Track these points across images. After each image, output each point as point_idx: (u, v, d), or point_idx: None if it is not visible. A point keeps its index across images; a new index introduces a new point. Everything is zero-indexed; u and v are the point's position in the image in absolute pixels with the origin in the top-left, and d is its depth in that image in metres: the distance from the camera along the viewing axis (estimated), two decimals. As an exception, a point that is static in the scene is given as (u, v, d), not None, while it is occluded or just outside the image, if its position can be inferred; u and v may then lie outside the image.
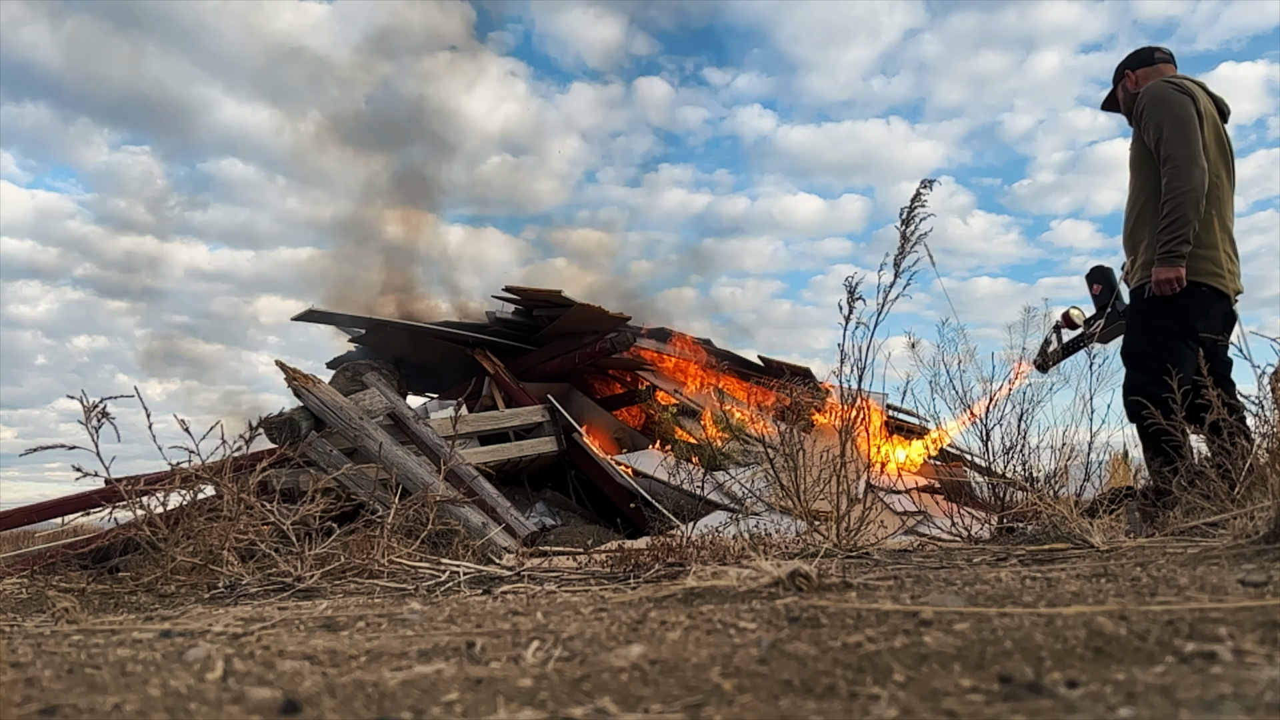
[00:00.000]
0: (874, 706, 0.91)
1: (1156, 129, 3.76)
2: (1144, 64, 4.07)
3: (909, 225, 3.12)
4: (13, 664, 1.27)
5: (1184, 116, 3.71)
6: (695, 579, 1.72)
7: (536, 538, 4.33)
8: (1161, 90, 3.82)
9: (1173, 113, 3.73)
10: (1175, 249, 3.65)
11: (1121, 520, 3.47)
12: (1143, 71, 4.05)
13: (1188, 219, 3.64)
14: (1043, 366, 4.49)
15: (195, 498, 3.03)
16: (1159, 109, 3.77)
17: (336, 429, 4.35)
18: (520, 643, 1.33)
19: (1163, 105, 3.77)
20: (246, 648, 1.38)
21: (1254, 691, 0.87)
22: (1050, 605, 1.36)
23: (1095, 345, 4.30)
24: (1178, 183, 3.67)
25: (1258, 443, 2.79)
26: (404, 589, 2.36)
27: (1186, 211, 3.64)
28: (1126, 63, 4.13)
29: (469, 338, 6.62)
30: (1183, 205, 3.64)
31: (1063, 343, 4.47)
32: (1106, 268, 4.37)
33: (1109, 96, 4.27)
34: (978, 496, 4.68)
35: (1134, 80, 4.05)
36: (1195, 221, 3.66)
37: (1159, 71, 4.01)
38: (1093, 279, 4.39)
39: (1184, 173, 3.66)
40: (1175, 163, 3.68)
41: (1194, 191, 3.64)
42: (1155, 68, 4.03)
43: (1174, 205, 3.66)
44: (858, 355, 3.23)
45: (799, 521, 3.24)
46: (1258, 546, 1.96)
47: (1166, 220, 3.68)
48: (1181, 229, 3.64)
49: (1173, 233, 3.66)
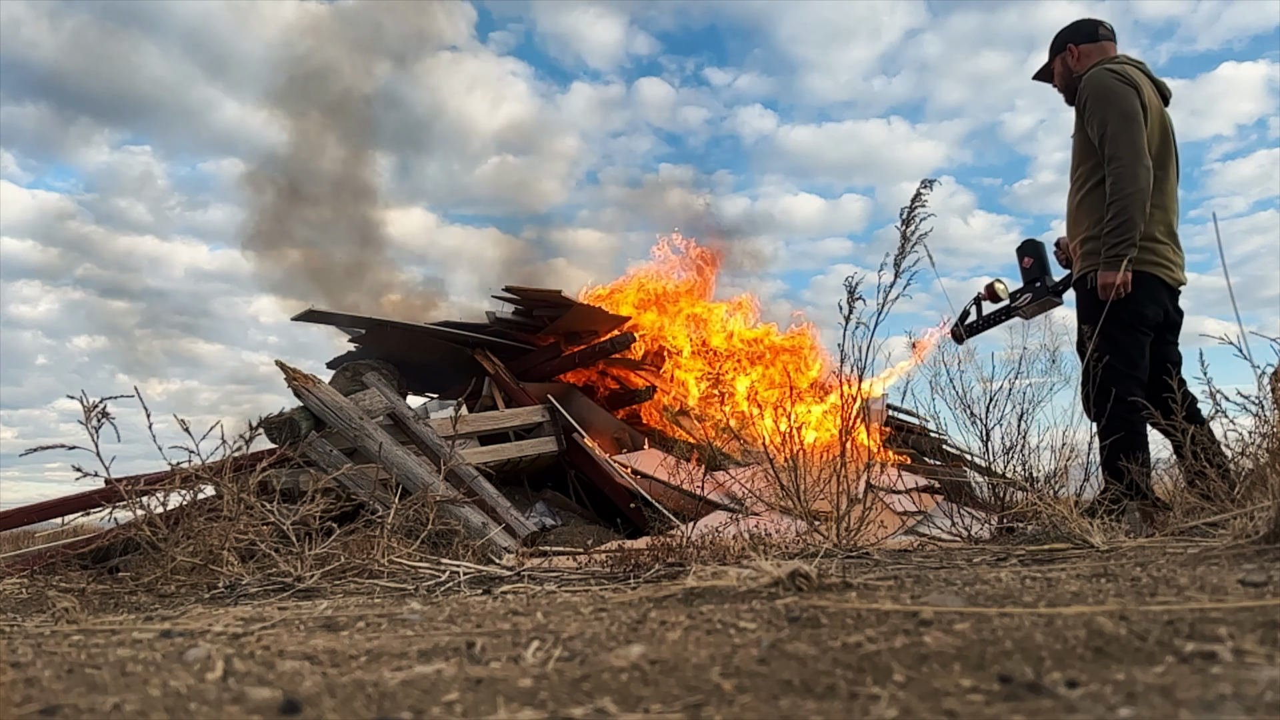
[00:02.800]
0: (874, 706, 0.91)
1: (1101, 124, 3.59)
2: (1088, 39, 3.84)
3: (909, 225, 3.13)
4: (13, 664, 1.27)
5: (1129, 112, 3.56)
6: (695, 579, 1.72)
7: (536, 538, 4.33)
8: (1106, 82, 3.63)
9: (1118, 108, 3.57)
10: (1121, 252, 3.54)
11: (1121, 520, 3.47)
12: (1085, 47, 3.83)
13: (1134, 223, 3.52)
14: (959, 337, 4.33)
15: (195, 498, 3.03)
16: (1104, 103, 3.60)
17: (336, 429, 4.35)
18: (520, 643, 1.33)
19: (1108, 100, 3.60)
20: (246, 648, 1.38)
21: (1254, 691, 0.87)
22: (1050, 605, 1.36)
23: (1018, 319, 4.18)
24: (1124, 184, 3.53)
25: (1258, 443, 2.79)
26: (404, 589, 2.36)
27: (1134, 215, 3.52)
28: (1068, 35, 3.88)
29: (469, 338, 6.62)
30: (1129, 208, 3.52)
31: (983, 315, 4.29)
32: (1038, 242, 4.19)
33: (1044, 68, 4.03)
34: (978, 497, 4.68)
35: (1075, 55, 3.85)
36: (1141, 224, 3.54)
37: (1102, 49, 3.82)
38: (1024, 252, 4.19)
39: (1130, 173, 3.52)
40: (1121, 163, 3.54)
41: (1140, 193, 3.52)
42: (1099, 44, 3.83)
43: (1120, 208, 3.54)
44: (858, 355, 3.24)
45: (799, 521, 3.24)
46: (1258, 546, 1.96)
47: (1112, 224, 3.56)
48: (1128, 233, 3.52)
49: (1119, 236, 3.54)
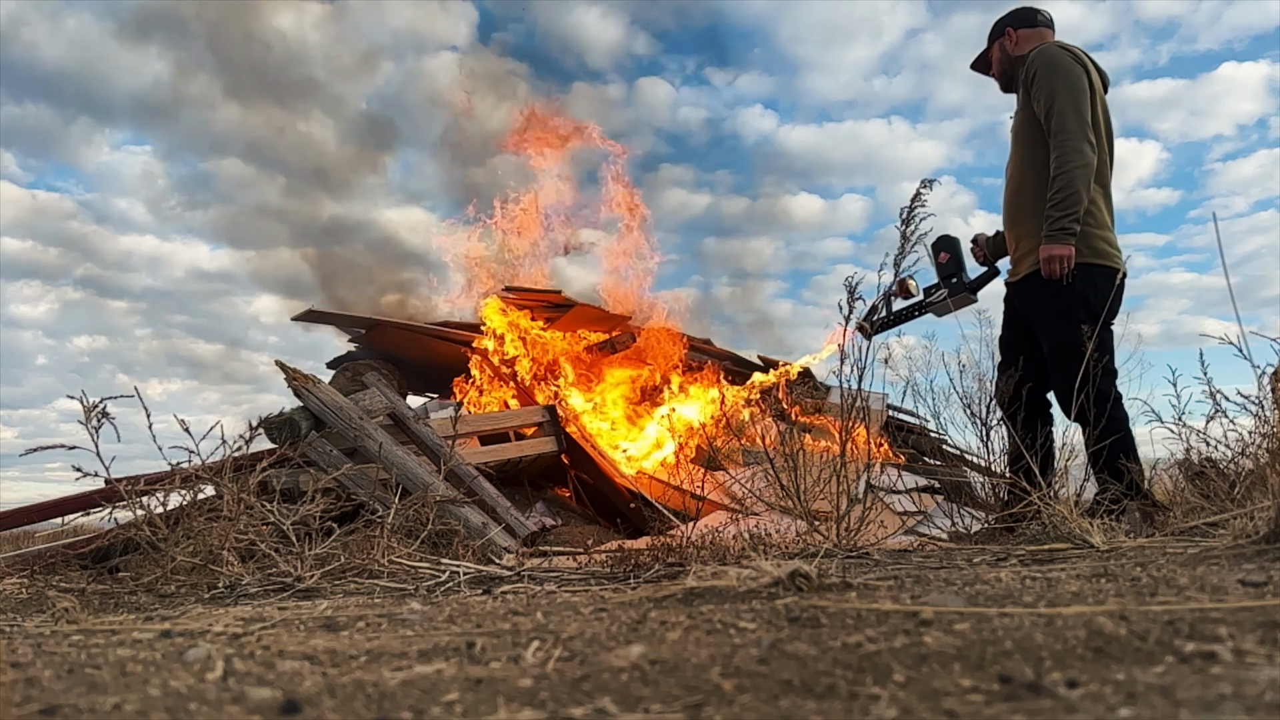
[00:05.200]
0: (874, 706, 0.91)
1: (1049, 96, 3.50)
2: (1026, 24, 3.77)
3: (909, 225, 3.13)
4: (13, 664, 1.27)
5: (1079, 87, 3.49)
6: (695, 579, 1.72)
7: (536, 538, 4.33)
8: (1057, 55, 3.56)
9: (1067, 80, 3.49)
10: (1067, 226, 3.44)
11: (1121, 520, 3.47)
12: (1024, 32, 3.76)
13: (1080, 196, 3.43)
14: (867, 333, 4.27)
15: (195, 498, 3.03)
16: (1053, 75, 3.52)
17: (336, 429, 4.35)
18: (520, 643, 1.33)
19: (1056, 72, 3.51)
20: (246, 648, 1.38)
21: (1254, 691, 0.87)
22: (1050, 605, 1.36)
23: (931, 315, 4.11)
24: (1070, 156, 3.44)
25: (1258, 443, 2.79)
26: (404, 589, 2.36)
27: (1079, 188, 3.43)
28: (1007, 20, 3.82)
29: (469, 338, 6.63)
30: (1075, 181, 3.43)
31: (893, 311, 4.13)
32: (954, 237, 4.10)
33: (980, 56, 3.97)
34: (977, 497, 4.68)
35: (1014, 40, 3.78)
36: (1087, 197, 3.46)
37: (1040, 35, 3.76)
38: (939, 248, 4.09)
39: (1076, 146, 3.44)
40: (1067, 134, 3.45)
41: (1087, 167, 3.45)
42: (1038, 30, 3.77)
43: (1066, 180, 3.44)
44: (858, 355, 3.24)
45: (799, 521, 3.24)
46: (1258, 546, 1.96)
47: (1058, 196, 3.45)
48: (1074, 206, 3.42)
49: (1064, 209, 3.43)
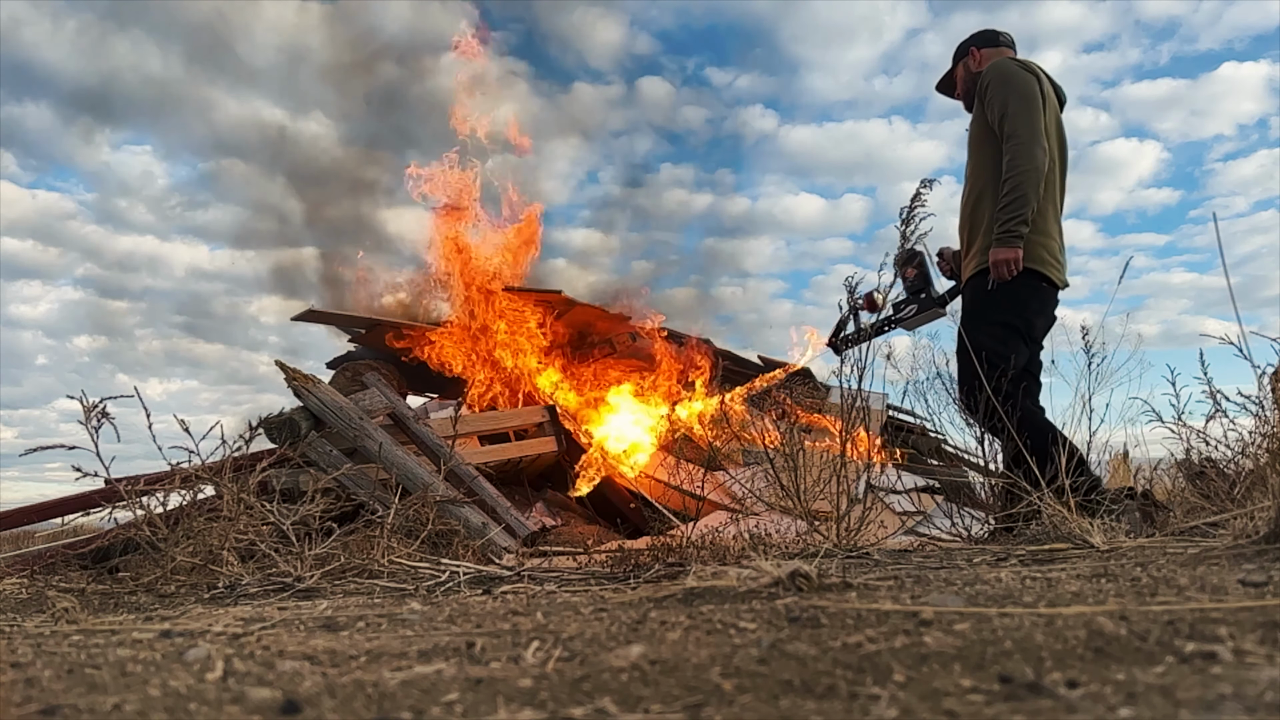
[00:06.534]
0: (874, 706, 0.91)
1: (1001, 105, 3.61)
2: (989, 44, 3.95)
3: (909, 225, 3.14)
4: (13, 664, 1.27)
5: (1029, 94, 3.60)
6: (695, 579, 1.72)
7: (536, 538, 4.33)
8: (1007, 66, 3.72)
9: (1018, 89, 3.61)
10: (1014, 229, 3.50)
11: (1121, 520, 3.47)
12: (986, 51, 3.93)
13: (1028, 199, 3.49)
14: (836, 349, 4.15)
15: (195, 498, 3.03)
16: (1005, 85, 3.65)
17: (336, 429, 4.35)
18: (520, 643, 1.33)
19: (1009, 82, 3.65)
20: (246, 648, 1.38)
21: (1254, 691, 0.87)
22: (1050, 605, 1.36)
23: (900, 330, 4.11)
24: (1020, 160, 3.51)
25: (1258, 443, 2.79)
26: (404, 589, 2.36)
27: (1028, 191, 3.49)
28: (972, 40, 4.00)
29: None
30: (1024, 184, 3.50)
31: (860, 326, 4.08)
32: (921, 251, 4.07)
33: (945, 77, 4.12)
34: (977, 497, 4.68)
35: (977, 59, 3.94)
36: (1035, 201, 3.52)
37: (1001, 54, 3.91)
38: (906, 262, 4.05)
39: (1027, 150, 3.52)
40: (1019, 139, 3.54)
41: (1036, 171, 3.52)
42: (999, 50, 3.93)
43: (1015, 184, 3.51)
44: (858, 355, 3.25)
45: (799, 521, 3.24)
46: (1258, 546, 1.96)
47: (1007, 199, 3.52)
48: (1022, 209, 3.49)
49: (1013, 212, 3.50)
